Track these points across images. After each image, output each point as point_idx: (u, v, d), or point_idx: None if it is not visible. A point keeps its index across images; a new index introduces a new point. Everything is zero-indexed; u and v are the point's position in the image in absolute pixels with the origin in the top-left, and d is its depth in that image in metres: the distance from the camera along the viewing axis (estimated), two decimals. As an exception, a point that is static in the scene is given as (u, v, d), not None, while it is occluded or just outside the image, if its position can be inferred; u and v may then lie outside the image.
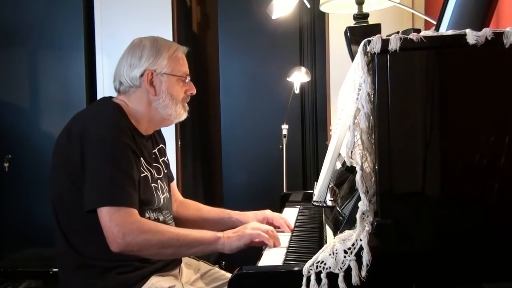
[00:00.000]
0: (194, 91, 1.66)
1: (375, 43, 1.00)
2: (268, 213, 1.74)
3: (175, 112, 1.60)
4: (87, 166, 1.42)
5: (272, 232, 1.46)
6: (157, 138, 1.73)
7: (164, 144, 1.77)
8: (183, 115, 1.64)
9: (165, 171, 1.70)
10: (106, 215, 1.38)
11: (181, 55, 1.62)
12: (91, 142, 1.42)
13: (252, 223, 1.54)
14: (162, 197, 1.60)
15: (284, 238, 1.49)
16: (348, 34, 1.56)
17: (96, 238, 1.46)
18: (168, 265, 1.59)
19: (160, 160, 1.69)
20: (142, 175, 1.51)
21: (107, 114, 1.51)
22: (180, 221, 1.79)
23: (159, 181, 1.61)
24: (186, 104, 1.66)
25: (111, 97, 1.62)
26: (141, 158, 1.53)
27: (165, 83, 1.57)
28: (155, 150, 1.67)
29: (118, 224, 1.37)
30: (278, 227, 1.64)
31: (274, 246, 1.43)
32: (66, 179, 1.48)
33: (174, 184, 1.84)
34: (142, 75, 1.56)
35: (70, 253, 1.49)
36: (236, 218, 1.77)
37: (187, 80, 1.63)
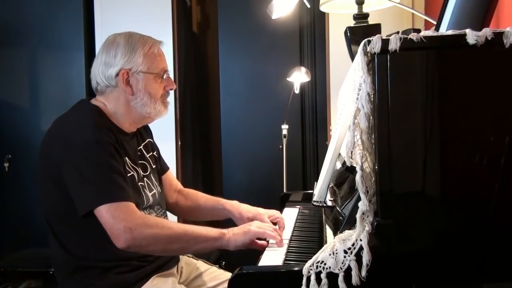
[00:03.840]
0: (174, 87, 1.62)
1: (375, 43, 1.00)
2: (261, 210, 1.72)
3: (154, 110, 1.56)
4: (72, 172, 1.40)
5: (275, 230, 1.46)
6: (143, 133, 1.70)
7: (151, 137, 1.75)
8: (164, 112, 1.60)
9: (153, 166, 1.68)
10: (107, 213, 1.35)
11: (158, 51, 1.57)
12: (74, 146, 1.41)
13: (255, 222, 1.53)
14: (150, 194, 1.58)
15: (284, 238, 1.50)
16: (348, 34, 1.56)
17: (91, 241, 1.45)
18: (167, 263, 1.59)
19: (148, 156, 1.67)
20: (129, 175, 1.50)
21: (86, 117, 1.49)
22: (179, 210, 1.81)
23: (145, 178, 1.60)
24: (167, 100, 1.62)
25: (89, 99, 1.60)
26: (126, 158, 1.52)
27: (142, 82, 1.53)
28: (141, 147, 1.65)
29: (123, 219, 1.34)
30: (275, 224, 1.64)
31: (277, 245, 1.43)
32: (53, 186, 1.47)
33: (170, 173, 1.82)
34: (117, 74, 1.52)
35: (66, 257, 1.48)
36: (228, 210, 1.76)
37: (165, 76, 1.58)
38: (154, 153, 1.72)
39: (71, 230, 1.47)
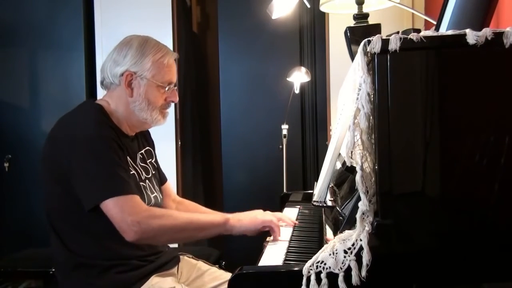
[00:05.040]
0: (176, 100, 1.62)
1: (375, 43, 1.00)
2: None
3: (150, 117, 1.56)
4: (77, 168, 1.41)
5: (277, 221, 1.52)
6: (143, 140, 1.71)
7: (152, 147, 1.76)
8: (161, 121, 1.60)
9: (153, 172, 1.69)
10: (115, 207, 1.38)
11: (168, 61, 1.56)
12: (77, 143, 1.42)
13: (260, 211, 1.56)
14: (152, 196, 1.59)
15: (286, 235, 1.50)
16: (348, 34, 1.55)
17: (92, 239, 1.47)
18: (167, 263, 1.60)
19: (148, 161, 1.68)
20: (130, 173, 1.51)
21: (89, 114, 1.51)
22: None
23: (147, 180, 1.61)
24: (167, 111, 1.62)
25: (94, 99, 1.62)
26: (127, 157, 1.53)
27: (143, 87, 1.54)
28: (142, 151, 1.66)
29: (131, 213, 1.37)
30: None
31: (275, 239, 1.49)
32: (55, 184, 1.47)
33: (168, 184, 1.83)
34: (122, 74, 1.53)
35: (67, 255, 1.49)
36: None
37: (167, 88, 1.58)
38: (153, 161, 1.73)
39: (73, 228, 1.48)
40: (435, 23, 1.31)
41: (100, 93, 3.13)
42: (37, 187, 3.06)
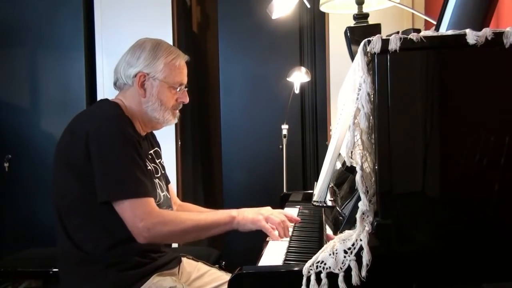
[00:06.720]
0: (186, 100, 1.67)
1: (375, 43, 1.00)
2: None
3: (162, 117, 1.62)
4: (97, 161, 1.43)
5: (284, 223, 1.52)
6: (152, 141, 1.75)
7: (159, 147, 1.79)
8: (172, 121, 1.66)
9: (162, 171, 1.73)
10: (129, 210, 1.42)
11: (179, 64, 1.62)
12: (99, 138, 1.44)
13: (267, 211, 1.57)
14: (162, 194, 1.63)
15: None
16: (348, 34, 1.56)
17: (100, 231, 1.48)
18: (168, 263, 1.61)
19: (157, 161, 1.71)
20: (147, 168, 1.55)
21: (110, 111, 1.54)
22: None
23: (157, 179, 1.64)
24: (177, 111, 1.67)
25: (108, 99, 1.64)
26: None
27: (156, 88, 1.59)
28: (151, 151, 1.70)
29: (142, 219, 1.42)
30: None
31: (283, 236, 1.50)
32: (71, 176, 1.49)
33: (171, 187, 1.86)
34: (135, 75, 1.58)
35: (71, 250, 1.50)
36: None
37: (179, 89, 1.63)
38: (162, 161, 1.76)
39: (83, 219, 1.50)
40: (435, 23, 1.31)
41: (100, 92, 3.15)
42: (37, 187, 3.07)
